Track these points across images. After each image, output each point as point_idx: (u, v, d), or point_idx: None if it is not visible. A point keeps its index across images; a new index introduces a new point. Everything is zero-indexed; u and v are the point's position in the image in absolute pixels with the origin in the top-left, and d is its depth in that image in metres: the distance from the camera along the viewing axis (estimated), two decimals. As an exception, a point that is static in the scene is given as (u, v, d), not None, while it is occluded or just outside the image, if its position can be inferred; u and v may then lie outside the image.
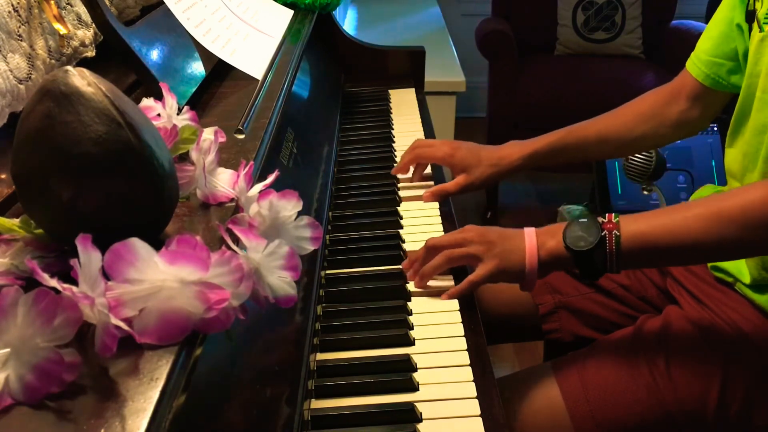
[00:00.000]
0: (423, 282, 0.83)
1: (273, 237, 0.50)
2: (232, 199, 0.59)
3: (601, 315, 1.00)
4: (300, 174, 0.92)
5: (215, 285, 0.41)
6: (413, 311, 0.80)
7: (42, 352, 0.38)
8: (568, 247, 0.76)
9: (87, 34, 0.77)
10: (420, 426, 0.64)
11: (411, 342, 0.74)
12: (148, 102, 0.61)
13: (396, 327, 0.76)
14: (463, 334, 0.75)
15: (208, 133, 0.60)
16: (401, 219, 0.99)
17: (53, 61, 0.69)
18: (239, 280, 0.43)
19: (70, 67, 0.44)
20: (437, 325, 0.77)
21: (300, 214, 0.55)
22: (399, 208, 1.03)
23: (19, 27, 0.63)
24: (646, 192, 1.77)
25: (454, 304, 0.80)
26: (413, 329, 0.77)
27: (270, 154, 0.75)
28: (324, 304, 0.81)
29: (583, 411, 0.82)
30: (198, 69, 0.87)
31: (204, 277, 0.41)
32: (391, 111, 1.41)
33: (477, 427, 0.63)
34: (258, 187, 0.56)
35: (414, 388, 0.68)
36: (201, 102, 0.86)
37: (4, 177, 0.57)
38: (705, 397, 0.80)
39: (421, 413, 0.65)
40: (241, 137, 0.73)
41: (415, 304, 0.81)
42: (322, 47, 1.46)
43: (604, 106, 1.05)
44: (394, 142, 1.27)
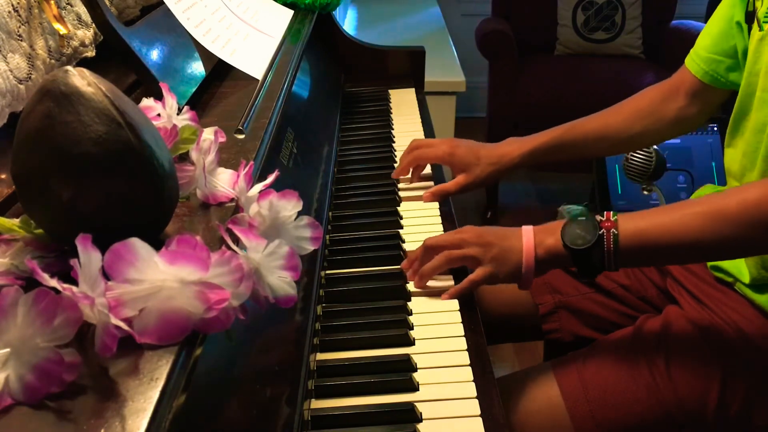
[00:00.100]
0: (422, 282, 0.83)
1: (273, 237, 0.50)
2: (232, 199, 0.59)
3: (601, 315, 1.00)
4: (300, 174, 0.92)
5: (215, 285, 0.41)
6: (413, 311, 0.80)
7: (42, 352, 0.38)
8: (566, 246, 0.76)
9: (87, 34, 0.77)
10: (420, 426, 0.64)
11: (411, 342, 0.74)
12: (148, 102, 0.61)
13: (396, 327, 0.76)
14: (463, 334, 0.75)
15: (208, 133, 0.60)
16: (401, 219, 0.99)
17: (53, 61, 0.69)
18: (239, 280, 0.43)
19: (70, 67, 0.44)
20: (437, 325, 0.77)
21: (300, 214, 0.55)
22: (399, 208, 1.03)
23: (19, 27, 0.63)
24: (646, 192, 1.77)
25: (454, 304, 0.80)
26: (413, 329, 0.77)
27: (270, 154, 0.75)
28: (324, 304, 0.81)
29: (583, 411, 0.82)
30: (198, 69, 0.87)
31: (204, 277, 0.41)
32: (391, 111, 1.41)
33: (477, 427, 0.63)
34: (258, 187, 0.56)
35: (414, 388, 0.68)
36: (201, 102, 0.86)
37: (4, 177, 0.57)
38: (705, 397, 0.80)
39: (421, 413, 0.65)
40: (241, 137, 0.73)
41: (415, 304, 0.81)
42: (322, 47, 1.46)
43: (604, 106, 1.05)
44: (394, 142, 1.27)
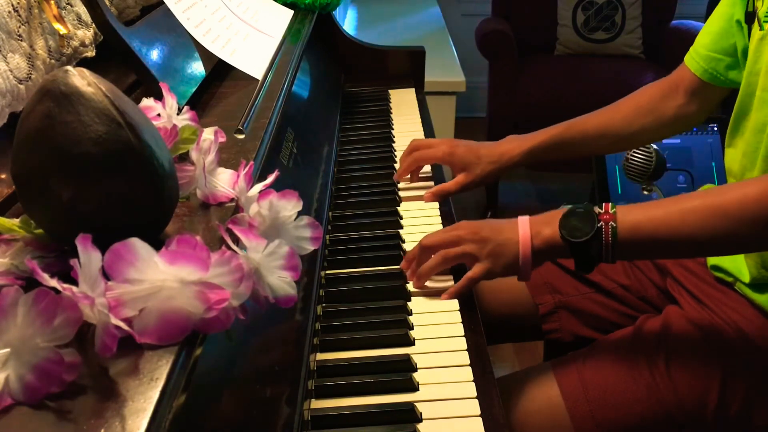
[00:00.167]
0: (420, 282, 0.83)
1: (273, 237, 0.50)
2: (232, 199, 0.59)
3: (601, 315, 1.00)
4: (300, 174, 0.92)
5: (215, 285, 0.41)
6: (413, 311, 0.80)
7: (42, 352, 0.38)
8: (564, 238, 0.76)
9: (87, 34, 0.77)
10: (420, 426, 0.64)
11: (411, 342, 0.74)
12: (148, 102, 0.61)
13: (396, 327, 0.76)
14: (463, 334, 0.75)
15: (208, 133, 0.60)
16: (401, 219, 0.99)
17: (53, 61, 0.69)
18: (239, 280, 0.43)
19: (70, 67, 0.44)
20: (437, 325, 0.77)
21: (300, 214, 0.55)
22: (399, 208, 1.03)
23: (19, 27, 0.63)
24: (646, 192, 1.77)
25: (453, 303, 0.80)
26: (413, 329, 0.77)
27: (270, 154, 0.75)
28: (324, 304, 0.81)
29: (583, 411, 0.82)
30: (198, 69, 0.87)
31: (204, 277, 0.41)
32: (391, 111, 1.41)
33: (477, 427, 0.63)
34: (258, 187, 0.56)
35: (414, 388, 0.68)
36: (201, 102, 0.86)
37: (4, 177, 0.57)
38: (705, 397, 0.80)
39: (421, 413, 0.65)
40: (241, 137, 0.73)
41: (415, 304, 0.81)
42: (322, 47, 1.46)
43: (604, 106, 1.06)
44: (394, 142, 1.27)
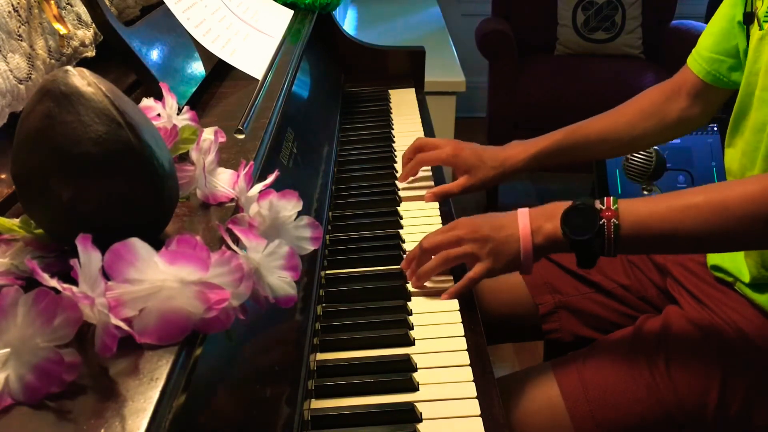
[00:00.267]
0: (420, 283, 0.83)
1: (273, 237, 0.50)
2: (232, 199, 0.59)
3: (601, 315, 1.00)
4: (300, 174, 0.92)
5: (215, 285, 0.41)
6: (413, 311, 0.80)
7: (42, 352, 0.38)
8: (566, 235, 0.76)
9: (87, 34, 0.77)
10: (420, 426, 0.64)
11: (411, 342, 0.74)
12: (148, 102, 0.61)
13: (396, 327, 0.76)
14: (463, 334, 0.75)
15: (208, 133, 0.60)
16: (401, 219, 0.99)
17: (53, 61, 0.69)
18: (239, 280, 0.43)
19: (70, 67, 0.44)
20: (437, 325, 0.77)
21: (300, 214, 0.55)
22: (399, 208, 1.03)
23: (19, 27, 0.63)
24: (646, 192, 1.77)
25: (453, 303, 0.80)
26: (413, 329, 0.77)
27: (270, 154, 0.75)
28: (324, 304, 0.81)
29: (583, 411, 0.82)
30: (198, 69, 0.87)
31: (204, 277, 0.41)
32: (391, 111, 1.41)
33: (477, 427, 0.63)
34: (258, 187, 0.56)
35: (414, 388, 0.68)
36: (201, 102, 0.86)
37: (4, 177, 0.57)
38: (705, 397, 0.80)
39: (421, 413, 0.65)
40: (241, 137, 0.73)
41: (415, 304, 0.81)
42: (322, 47, 1.46)
43: (604, 106, 1.05)
44: (394, 142, 1.27)
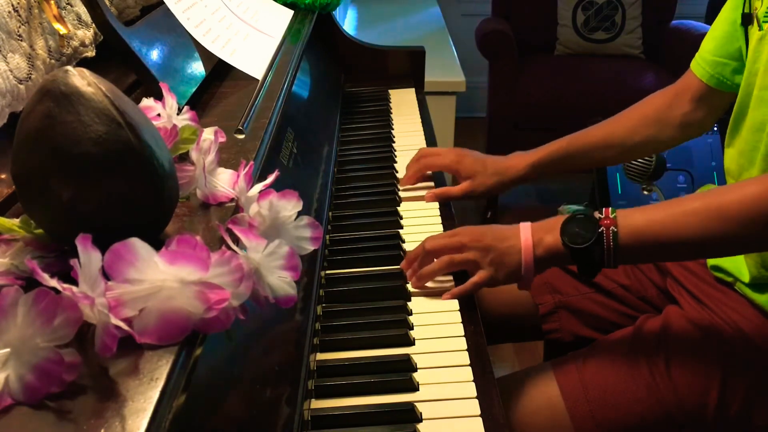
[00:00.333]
0: (421, 284, 0.83)
1: (273, 237, 0.50)
2: (232, 199, 0.59)
3: (601, 315, 1.00)
4: (300, 174, 0.92)
5: (215, 285, 0.41)
6: (413, 311, 0.80)
7: (42, 352, 0.38)
8: (565, 244, 0.76)
9: (87, 34, 0.77)
10: (420, 426, 0.64)
11: (411, 342, 0.74)
12: (148, 102, 0.61)
13: (396, 327, 0.76)
14: (463, 334, 0.76)
15: (208, 133, 0.60)
16: (401, 219, 0.99)
17: (53, 61, 0.69)
18: (239, 280, 0.43)
19: (70, 67, 0.44)
20: (437, 325, 0.77)
21: (300, 214, 0.55)
22: (399, 208, 1.03)
23: (19, 27, 0.63)
24: (646, 192, 1.77)
25: (454, 304, 0.80)
26: (413, 329, 0.77)
27: (270, 154, 0.75)
28: (324, 304, 0.81)
29: (583, 411, 0.82)
30: (198, 69, 0.87)
31: (204, 277, 0.41)
32: (391, 111, 1.41)
33: (477, 427, 0.63)
34: (258, 187, 0.56)
35: (414, 388, 0.68)
36: (201, 102, 0.86)
37: (4, 177, 0.57)
38: (705, 397, 0.80)
39: (421, 413, 0.65)
40: (241, 137, 0.73)
41: (415, 304, 0.81)
42: (322, 47, 1.46)
43: (604, 106, 1.06)
44: (394, 142, 1.27)
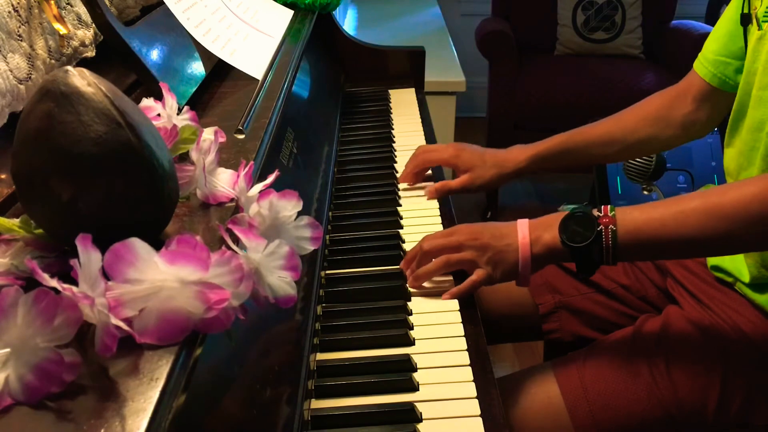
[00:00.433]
0: (418, 283, 0.83)
1: (273, 237, 0.50)
2: (232, 199, 0.59)
3: (601, 315, 1.00)
4: (300, 174, 0.92)
5: (215, 285, 0.41)
6: (413, 311, 0.80)
7: (42, 352, 0.38)
8: (564, 242, 0.76)
9: (87, 34, 0.77)
10: (420, 426, 0.64)
11: (411, 342, 0.74)
12: (148, 102, 0.61)
13: (396, 327, 0.76)
14: (463, 334, 0.75)
15: (208, 133, 0.60)
16: (401, 219, 0.99)
17: (53, 61, 0.69)
18: (239, 280, 0.43)
19: (70, 67, 0.44)
20: (437, 325, 0.77)
21: (300, 214, 0.55)
22: (399, 208, 1.03)
23: (19, 27, 0.63)
24: (646, 192, 1.77)
25: (454, 304, 0.80)
26: (413, 329, 0.77)
27: (270, 154, 0.75)
28: (324, 304, 0.81)
29: (583, 411, 0.82)
30: (198, 69, 0.87)
31: (204, 277, 0.41)
32: (391, 111, 1.41)
33: (477, 427, 0.63)
34: (258, 187, 0.56)
35: (414, 388, 0.68)
36: (201, 102, 0.86)
37: (4, 177, 0.57)
38: (705, 397, 0.80)
39: (421, 413, 0.65)
40: (241, 137, 0.73)
41: (415, 304, 0.81)
42: (322, 47, 1.46)
43: (604, 106, 1.06)
44: (394, 142, 1.27)
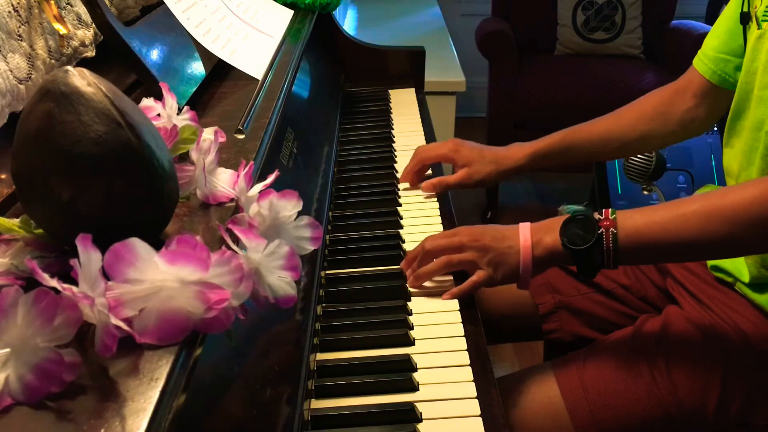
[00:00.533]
0: (418, 283, 0.83)
1: (273, 237, 0.50)
2: (232, 199, 0.59)
3: (601, 315, 1.00)
4: (300, 174, 0.92)
5: (215, 285, 0.41)
6: (413, 311, 0.80)
7: (42, 352, 0.38)
8: (565, 245, 0.76)
9: (87, 34, 0.77)
10: (420, 426, 0.64)
11: (411, 342, 0.74)
12: (148, 102, 0.61)
13: (396, 327, 0.76)
14: (463, 334, 0.75)
15: (208, 133, 0.60)
16: (401, 219, 0.99)
17: (53, 61, 0.69)
18: (239, 280, 0.43)
19: (70, 67, 0.44)
20: (437, 325, 0.77)
21: (300, 214, 0.55)
22: (399, 208, 1.03)
23: (19, 27, 0.63)
24: (646, 192, 1.77)
25: (454, 304, 0.80)
26: (413, 329, 0.77)
27: (270, 154, 0.75)
28: (324, 304, 0.81)
29: (583, 411, 0.82)
30: (198, 69, 0.87)
31: (204, 277, 0.41)
32: (391, 111, 1.41)
33: (477, 427, 0.63)
34: (258, 187, 0.56)
35: (414, 388, 0.68)
36: (201, 102, 0.86)
37: (4, 177, 0.57)
38: (705, 397, 0.80)
39: (421, 413, 0.65)
40: (241, 137, 0.73)
41: (415, 304, 0.81)
42: (322, 47, 1.46)
43: (604, 105, 1.05)
44: (394, 142, 1.27)
